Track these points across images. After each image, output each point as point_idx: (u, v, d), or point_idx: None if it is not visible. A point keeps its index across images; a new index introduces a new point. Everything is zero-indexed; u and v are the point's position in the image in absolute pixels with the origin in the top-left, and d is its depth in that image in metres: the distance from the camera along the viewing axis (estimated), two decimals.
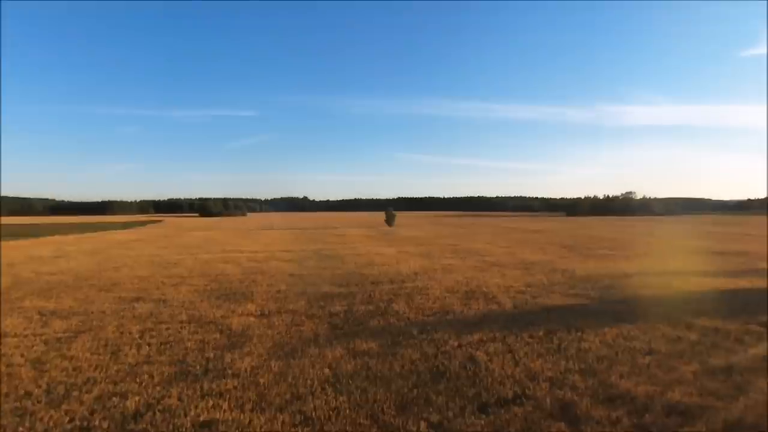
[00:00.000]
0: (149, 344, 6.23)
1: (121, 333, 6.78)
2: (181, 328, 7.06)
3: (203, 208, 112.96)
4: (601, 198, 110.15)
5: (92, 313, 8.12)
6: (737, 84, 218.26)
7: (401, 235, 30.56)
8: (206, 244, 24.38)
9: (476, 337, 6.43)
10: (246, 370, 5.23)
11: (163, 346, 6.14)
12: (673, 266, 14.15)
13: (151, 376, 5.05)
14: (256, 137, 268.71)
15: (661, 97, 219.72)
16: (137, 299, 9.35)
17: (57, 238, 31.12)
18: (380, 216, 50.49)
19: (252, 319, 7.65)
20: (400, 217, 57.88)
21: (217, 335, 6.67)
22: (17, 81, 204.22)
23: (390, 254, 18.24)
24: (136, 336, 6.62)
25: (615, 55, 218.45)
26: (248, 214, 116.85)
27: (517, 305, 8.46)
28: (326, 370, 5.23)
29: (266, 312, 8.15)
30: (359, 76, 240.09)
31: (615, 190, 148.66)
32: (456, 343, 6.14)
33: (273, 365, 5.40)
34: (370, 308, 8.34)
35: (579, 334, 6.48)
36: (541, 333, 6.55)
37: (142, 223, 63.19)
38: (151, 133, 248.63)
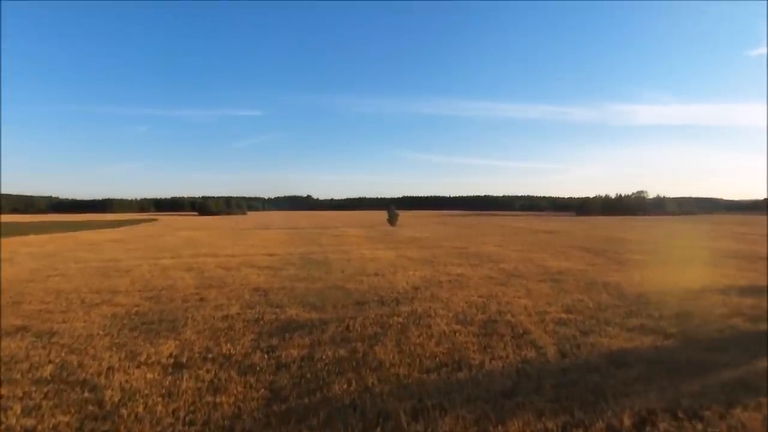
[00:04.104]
0: None
1: None
2: (18, 400, 4.30)
3: (203, 207, 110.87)
4: (613, 197, 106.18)
5: None
6: (744, 83, 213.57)
7: (403, 236, 27.72)
8: (183, 246, 21.71)
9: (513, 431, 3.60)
10: None
11: None
12: (738, 278, 11.19)
13: None
14: (261, 137, 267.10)
15: (668, 96, 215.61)
16: (18, 330, 6.62)
17: (30, 238, 28.65)
18: (383, 215, 47.62)
19: (153, 375, 4.87)
20: (404, 216, 55.07)
21: (67, 418, 3.91)
22: (26, 81, 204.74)
23: (387, 260, 15.43)
24: None
25: (621, 54, 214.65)
26: (248, 212, 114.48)
27: (564, 350, 5.60)
28: None
29: (184, 359, 5.37)
30: (364, 76, 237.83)
31: (623, 189, 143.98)
32: None
33: None
34: (341, 353, 5.53)
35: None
36: (629, 424, 3.70)
37: (136, 222, 60.97)
38: (159, 132, 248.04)
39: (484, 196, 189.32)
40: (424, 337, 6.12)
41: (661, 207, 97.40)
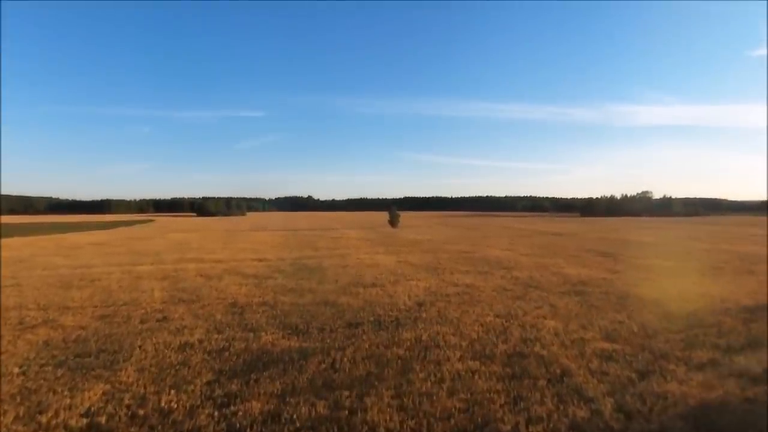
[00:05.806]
0: None
1: None
2: None
3: (202, 207, 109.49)
4: (618, 198, 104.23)
5: None
6: (746, 84, 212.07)
7: (405, 238, 26.23)
8: (170, 250, 20.27)
9: None
10: None
11: None
12: None
13: None
14: (262, 138, 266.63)
15: (670, 97, 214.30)
16: None
17: (11, 240, 27.26)
18: (384, 216, 46.12)
19: None
20: (406, 217, 53.64)
21: None
22: (26, 81, 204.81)
23: (387, 266, 13.96)
24: None
25: (622, 55, 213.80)
26: (247, 213, 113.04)
27: (624, 404, 4.11)
28: None
29: (104, 418, 3.91)
30: (365, 77, 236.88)
31: (626, 189, 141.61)
32: None
33: None
34: (320, 410, 4.05)
35: None
36: None
37: (131, 223, 59.58)
38: (161, 134, 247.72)
39: (487, 196, 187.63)
40: (432, 382, 4.64)
41: (667, 207, 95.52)
